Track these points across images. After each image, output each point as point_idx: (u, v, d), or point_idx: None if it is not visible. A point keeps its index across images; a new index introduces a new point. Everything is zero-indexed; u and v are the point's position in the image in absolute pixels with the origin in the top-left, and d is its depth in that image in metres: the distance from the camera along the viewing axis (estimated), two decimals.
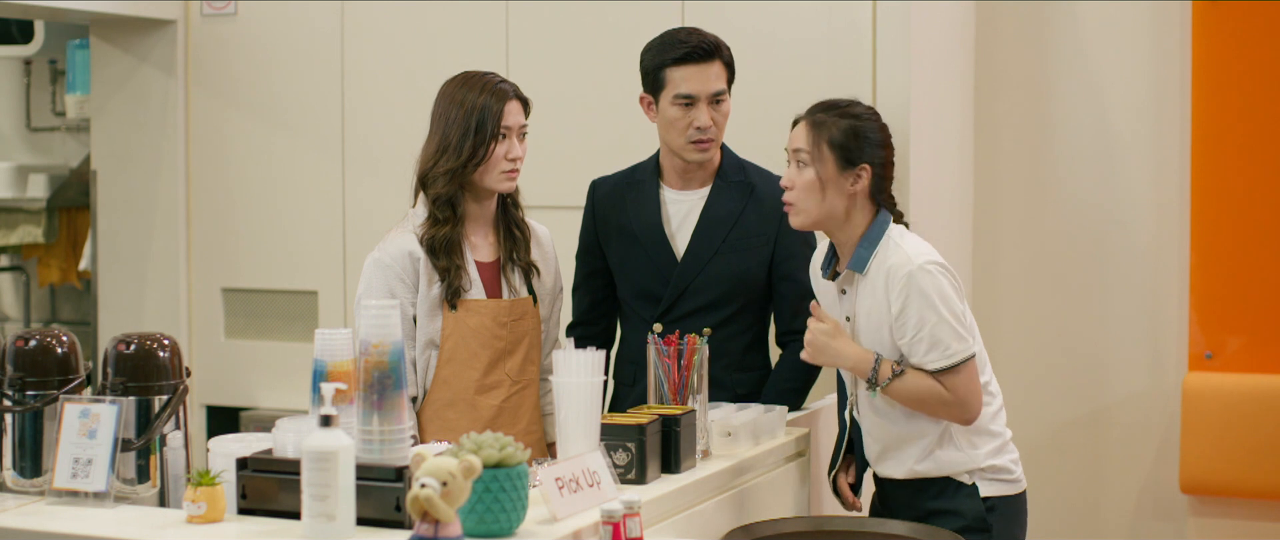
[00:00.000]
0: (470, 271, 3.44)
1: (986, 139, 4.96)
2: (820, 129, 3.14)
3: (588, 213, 3.81)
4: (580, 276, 3.82)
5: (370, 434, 2.53)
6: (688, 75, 3.56)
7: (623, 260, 3.72)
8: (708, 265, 3.63)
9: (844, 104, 3.19)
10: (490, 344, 3.45)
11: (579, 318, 3.83)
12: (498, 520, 2.42)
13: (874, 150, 3.14)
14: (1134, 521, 4.86)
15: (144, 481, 2.79)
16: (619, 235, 3.72)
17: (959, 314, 3.07)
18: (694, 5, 4.43)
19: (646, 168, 3.75)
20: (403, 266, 3.40)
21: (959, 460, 3.15)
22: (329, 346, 2.60)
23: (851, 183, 3.12)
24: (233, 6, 5.11)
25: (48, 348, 2.84)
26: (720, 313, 3.62)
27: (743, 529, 2.88)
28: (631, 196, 3.72)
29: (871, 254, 3.12)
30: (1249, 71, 4.60)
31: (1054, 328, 4.94)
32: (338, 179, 4.96)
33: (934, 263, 3.07)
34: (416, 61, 4.78)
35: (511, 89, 3.45)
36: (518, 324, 3.50)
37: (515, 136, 3.43)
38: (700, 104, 3.57)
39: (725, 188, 3.67)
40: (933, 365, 3.05)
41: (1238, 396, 4.56)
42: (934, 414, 3.11)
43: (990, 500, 3.15)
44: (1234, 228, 4.63)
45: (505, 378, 3.49)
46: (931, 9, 4.46)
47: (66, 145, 6.60)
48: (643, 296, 3.70)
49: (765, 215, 3.64)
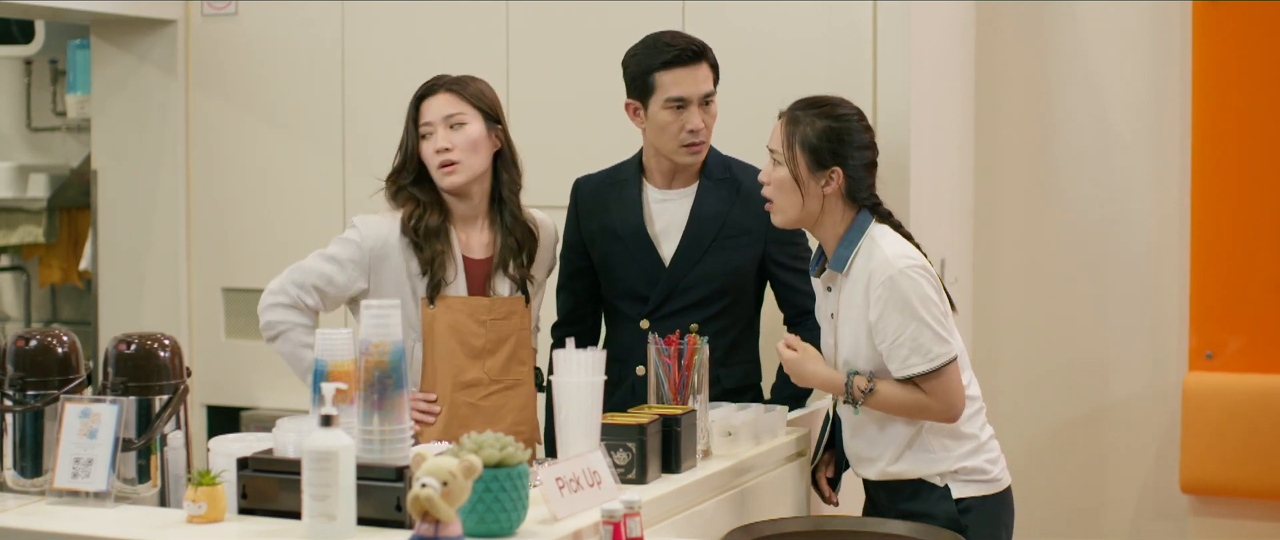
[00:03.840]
0: (458, 263, 3.45)
1: (986, 139, 4.96)
2: (794, 127, 3.13)
3: (571, 212, 3.80)
4: (564, 276, 3.81)
5: (370, 434, 2.53)
6: (678, 78, 3.55)
7: (607, 260, 3.71)
8: (698, 264, 3.63)
9: (825, 103, 3.16)
10: (466, 342, 3.45)
11: (564, 317, 3.82)
12: (498, 520, 2.42)
13: (851, 151, 3.11)
14: (1134, 521, 4.86)
15: (144, 481, 2.80)
16: (603, 235, 3.71)
17: (940, 317, 3.06)
18: (694, 5, 4.43)
19: (629, 167, 3.74)
20: (376, 249, 3.42)
21: (930, 462, 3.13)
22: (329, 346, 2.60)
23: (824, 184, 3.11)
24: (233, 6, 5.11)
25: (48, 348, 2.84)
26: (708, 309, 3.62)
27: (743, 529, 2.89)
28: (614, 196, 3.71)
29: (851, 253, 3.11)
30: (1249, 71, 4.60)
31: (1054, 328, 4.94)
32: (338, 179, 4.95)
33: (914, 265, 3.06)
34: (416, 61, 4.77)
35: (432, 86, 3.48)
36: (501, 323, 3.49)
37: (440, 129, 3.43)
38: (691, 106, 3.56)
39: (711, 186, 3.66)
40: (915, 370, 3.04)
41: (1238, 396, 4.56)
42: (918, 418, 3.11)
43: (965, 502, 3.13)
44: (1234, 228, 4.63)
45: (484, 377, 3.49)
46: (931, 9, 4.46)
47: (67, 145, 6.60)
48: (628, 296, 3.69)
49: (753, 211, 3.63)
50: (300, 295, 3.43)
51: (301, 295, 3.43)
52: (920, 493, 3.15)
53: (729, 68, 4.38)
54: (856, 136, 3.13)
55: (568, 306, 3.81)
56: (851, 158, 3.12)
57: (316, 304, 3.44)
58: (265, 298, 3.46)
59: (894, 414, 3.11)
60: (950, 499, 3.13)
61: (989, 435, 3.21)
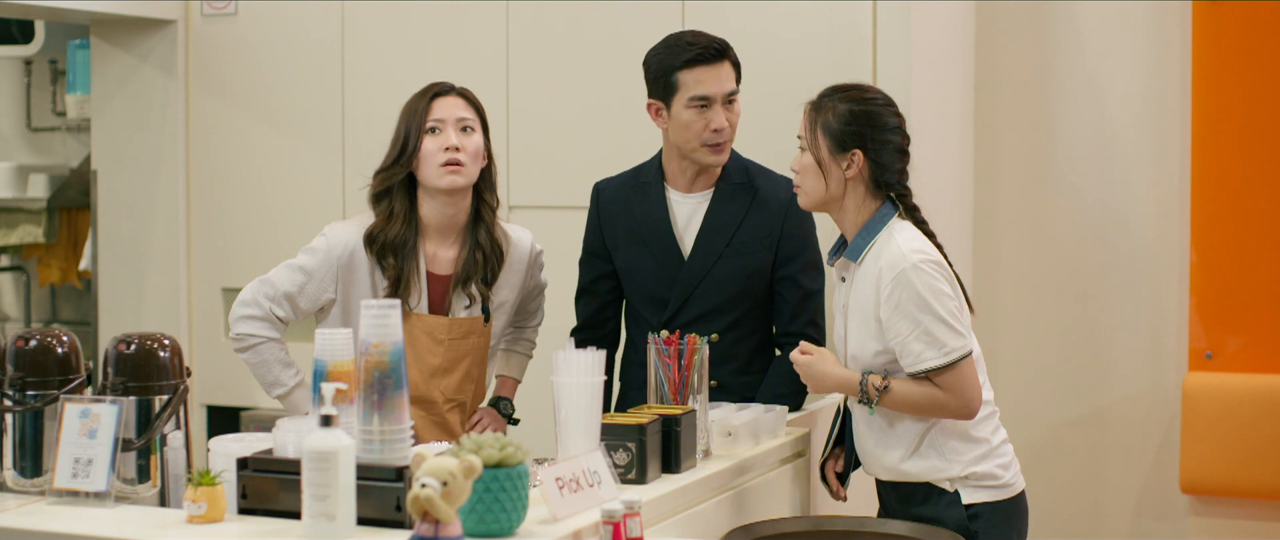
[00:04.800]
0: (422, 281, 3.43)
1: (986, 138, 4.96)
2: (818, 113, 3.14)
3: (592, 216, 3.77)
4: (586, 281, 3.78)
5: (370, 434, 2.53)
6: (701, 77, 3.53)
7: (631, 264, 3.69)
8: (713, 269, 3.62)
9: (851, 88, 3.17)
10: (423, 359, 3.44)
11: (584, 322, 3.79)
12: (498, 520, 2.42)
13: (873, 135, 3.11)
14: (1134, 521, 4.86)
15: (144, 481, 2.80)
16: (627, 239, 3.69)
17: (954, 311, 3.04)
18: (694, 5, 4.43)
19: (650, 169, 3.71)
20: (342, 258, 3.40)
21: (939, 466, 3.11)
22: (329, 346, 2.60)
23: (845, 167, 3.11)
24: (233, 6, 5.11)
25: (48, 348, 2.84)
26: (727, 317, 3.61)
27: (743, 529, 2.88)
28: (638, 199, 3.69)
29: (867, 245, 3.11)
30: (1249, 71, 4.60)
31: (1054, 327, 4.94)
32: (337, 179, 4.95)
33: (927, 259, 3.04)
34: (416, 62, 4.78)
35: (447, 87, 3.47)
36: (459, 343, 3.48)
37: (452, 129, 3.41)
38: (715, 105, 3.54)
39: (728, 190, 3.65)
40: (929, 364, 3.02)
41: (1238, 396, 4.56)
42: (933, 416, 3.09)
43: (975, 507, 3.10)
44: (1234, 228, 4.63)
45: (438, 395, 3.48)
46: (931, 9, 4.46)
47: (67, 145, 6.60)
48: (650, 301, 3.67)
49: (769, 217, 3.62)
50: (272, 307, 3.42)
51: (273, 307, 3.42)
52: (930, 497, 3.13)
53: None
54: (881, 121, 3.13)
55: (590, 311, 3.78)
56: (873, 141, 3.11)
57: (288, 315, 3.43)
58: (237, 309, 3.45)
59: (910, 413, 3.09)
60: (960, 505, 3.10)
61: (1001, 440, 3.18)
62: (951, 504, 3.11)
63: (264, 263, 5.08)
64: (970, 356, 3.05)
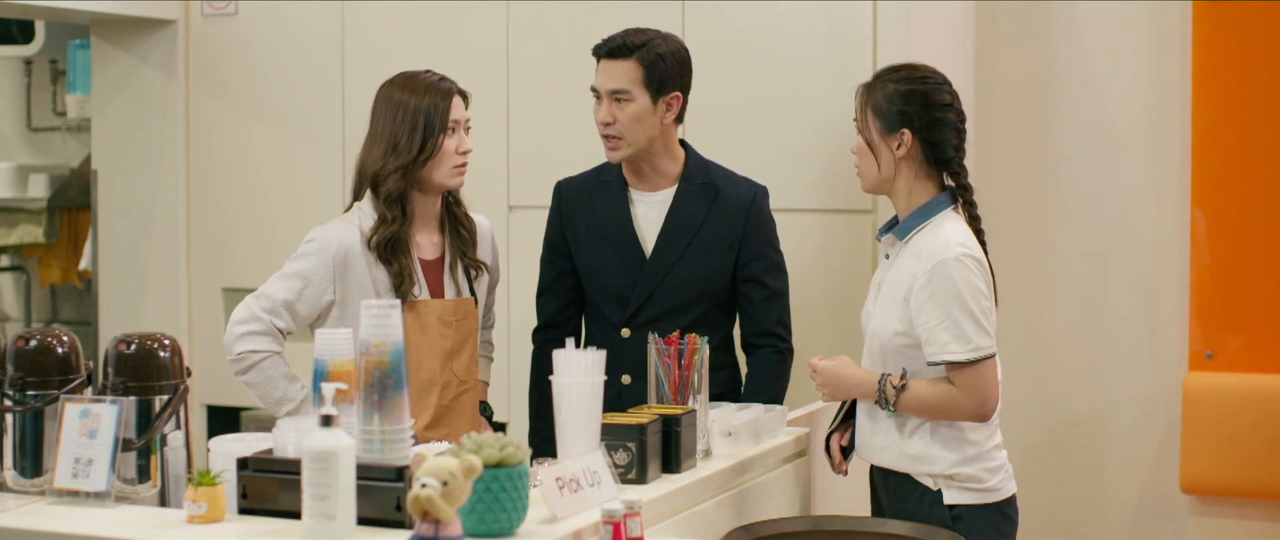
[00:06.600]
0: (418, 273, 3.45)
1: (986, 139, 4.96)
2: (869, 93, 3.16)
3: (554, 214, 3.79)
4: (548, 279, 3.79)
5: (371, 434, 2.53)
6: (599, 70, 3.68)
7: (592, 262, 3.71)
8: (674, 268, 3.63)
9: (903, 68, 3.17)
10: (438, 344, 3.45)
11: (547, 320, 3.80)
12: (498, 520, 2.43)
13: (923, 113, 3.10)
14: (1134, 521, 4.86)
15: (144, 481, 2.80)
16: (589, 237, 3.71)
17: (986, 310, 3.05)
18: (694, 5, 4.43)
19: (612, 169, 3.73)
20: (338, 256, 3.38)
21: (923, 460, 3.11)
22: (329, 346, 2.60)
23: (896, 147, 3.11)
24: (233, 6, 5.11)
25: (48, 348, 2.84)
26: (688, 316, 3.61)
27: (743, 529, 2.88)
28: (599, 197, 3.71)
29: (917, 227, 3.11)
30: (1249, 71, 4.60)
31: (1054, 327, 4.94)
32: (337, 179, 4.95)
33: (970, 255, 3.06)
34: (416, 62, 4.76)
35: (454, 86, 3.48)
36: (462, 324, 3.50)
37: (462, 130, 3.44)
38: (602, 100, 3.63)
39: (690, 190, 3.66)
40: (953, 357, 3.01)
41: (1238, 396, 4.56)
42: (947, 418, 3.08)
43: (956, 509, 3.10)
44: (1234, 228, 4.63)
45: (454, 378, 3.49)
46: (931, 9, 4.46)
47: (67, 145, 6.61)
48: (612, 299, 3.68)
49: (730, 218, 3.64)
50: (272, 320, 3.36)
51: (273, 320, 3.36)
52: (913, 494, 3.14)
53: (728, 67, 4.38)
54: (932, 98, 3.12)
55: (552, 308, 3.79)
56: (923, 120, 3.10)
57: (288, 326, 3.38)
58: (234, 328, 3.37)
59: (924, 415, 3.09)
60: (942, 504, 3.10)
61: (994, 444, 3.17)
62: (934, 503, 3.11)
63: (264, 263, 5.10)
64: (993, 358, 3.06)
